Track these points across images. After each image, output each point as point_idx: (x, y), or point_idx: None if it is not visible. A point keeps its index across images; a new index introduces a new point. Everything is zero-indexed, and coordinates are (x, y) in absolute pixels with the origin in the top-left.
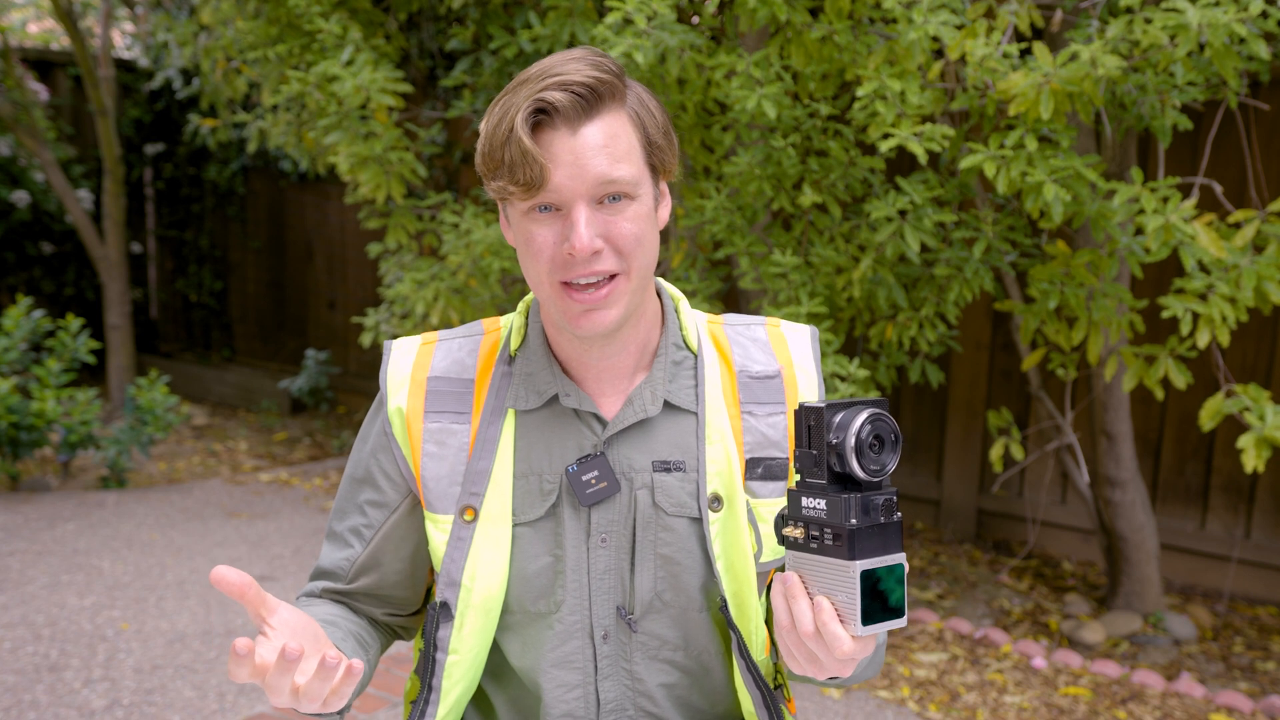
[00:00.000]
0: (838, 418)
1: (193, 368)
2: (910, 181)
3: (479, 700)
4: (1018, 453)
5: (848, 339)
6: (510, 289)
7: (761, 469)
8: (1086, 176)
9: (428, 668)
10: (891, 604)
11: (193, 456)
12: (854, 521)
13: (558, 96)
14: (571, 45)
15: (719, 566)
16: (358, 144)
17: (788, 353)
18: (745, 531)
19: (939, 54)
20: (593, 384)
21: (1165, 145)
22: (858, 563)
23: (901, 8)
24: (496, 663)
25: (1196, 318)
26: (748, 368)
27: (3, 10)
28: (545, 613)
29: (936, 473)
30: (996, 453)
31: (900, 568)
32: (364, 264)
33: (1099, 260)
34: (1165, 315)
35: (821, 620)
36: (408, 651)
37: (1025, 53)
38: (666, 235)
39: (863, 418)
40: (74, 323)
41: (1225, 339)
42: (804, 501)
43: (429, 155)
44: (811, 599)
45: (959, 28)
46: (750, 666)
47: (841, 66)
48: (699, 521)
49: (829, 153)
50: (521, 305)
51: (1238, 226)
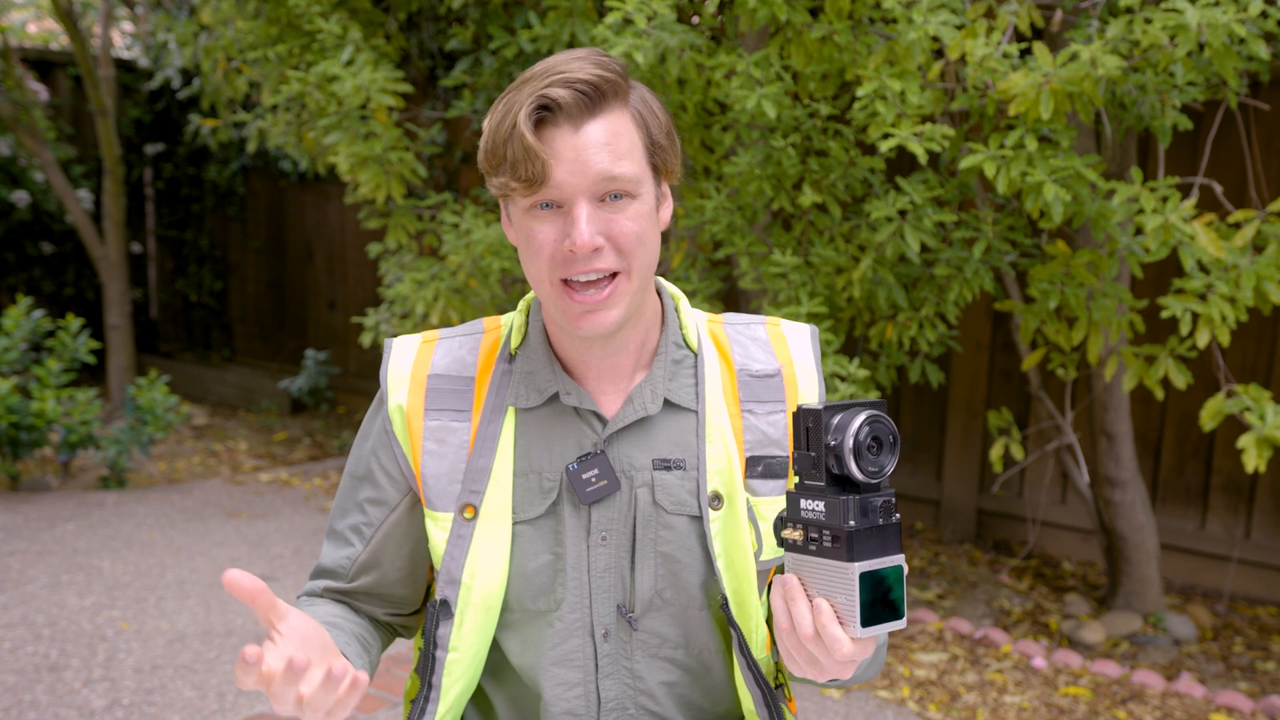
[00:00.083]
0: (835, 420)
1: (193, 368)
2: (910, 181)
3: (479, 699)
4: (1018, 453)
5: (848, 339)
6: (510, 289)
7: (761, 467)
8: (1086, 176)
9: (427, 665)
10: (891, 606)
11: (193, 456)
12: (852, 523)
13: (561, 93)
14: (571, 45)
15: (719, 565)
16: (358, 144)
17: (788, 351)
18: (745, 530)
19: (939, 54)
20: (593, 382)
21: (1165, 145)
22: (857, 564)
23: (901, 8)
24: (496, 661)
25: (1196, 318)
26: (748, 366)
27: (3, 10)
28: (545, 611)
29: (936, 473)
30: (996, 453)
31: (899, 569)
32: (364, 264)
33: (1099, 260)
34: (1165, 315)
35: (821, 622)
36: (407, 651)
37: (1025, 53)
38: (666, 235)
39: (860, 419)
40: (74, 323)
41: (1225, 339)
42: (802, 503)
43: (429, 155)
44: (811, 601)
45: (959, 28)
46: (751, 665)
47: (841, 66)
48: (699, 520)
49: (829, 153)
50: (522, 304)
51: (1237, 226)
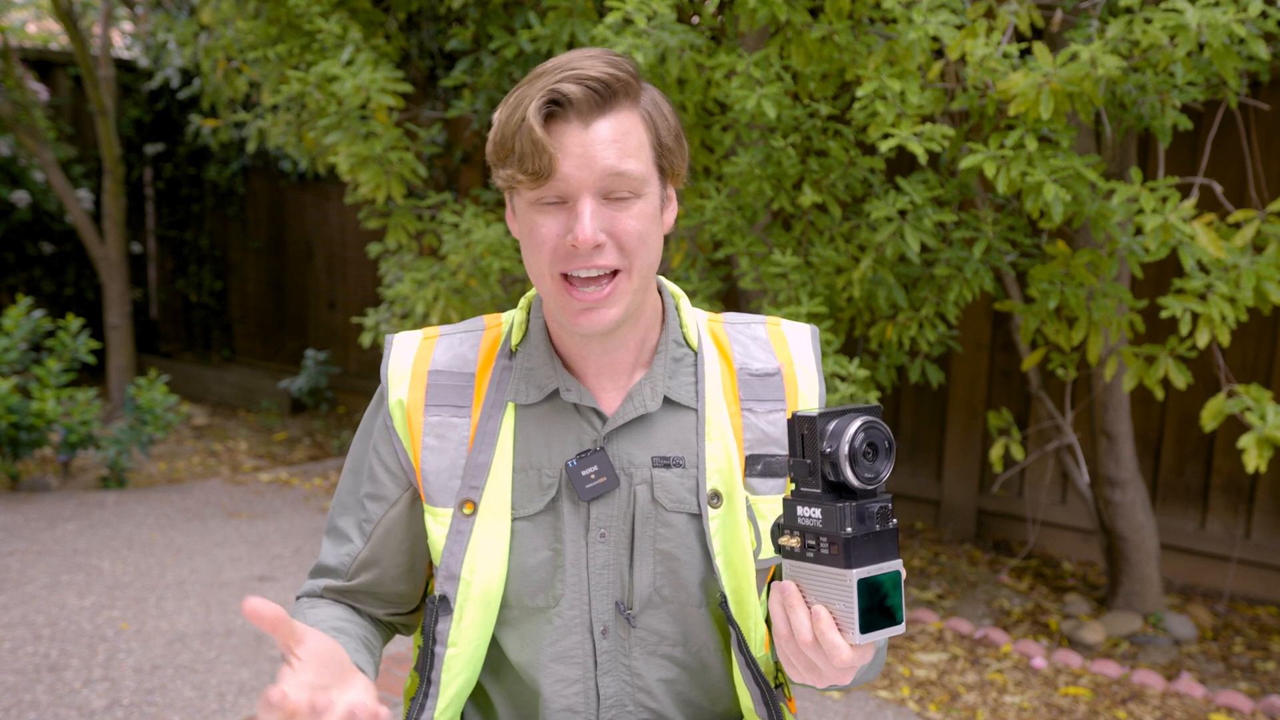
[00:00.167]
0: (831, 426)
1: (193, 368)
2: (910, 181)
3: (478, 697)
4: (1018, 453)
5: (848, 339)
6: (510, 289)
7: (761, 466)
8: (1086, 176)
9: (427, 661)
10: (889, 612)
11: (193, 456)
12: (849, 530)
13: (572, 89)
14: (571, 45)
15: (718, 563)
16: (358, 144)
17: (788, 351)
18: (744, 528)
19: (939, 54)
20: (593, 379)
21: (1165, 145)
22: (854, 571)
23: (901, 8)
24: (495, 659)
25: (1196, 318)
26: (748, 365)
27: (3, 10)
28: (544, 607)
29: (936, 473)
30: (996, 453)
31: (897, 575)
32: (364, 264)
33: (1099, 260)
34: (1165, 315)
35: (820, 629)
36: (407, 651)
37: (1025, 53)
38: (667, 235)
39: (856, 425)
40: (74, 323)
41: (1225, 339)
42: (799, 510)
43: (429, 155)
44: (809, 608)
45: (959, 28)
46: (749, 663)
47: (841, 66)
48: (698, 517)
49: (829, 153)
50: (523, 301)
51: (1237, 226)
